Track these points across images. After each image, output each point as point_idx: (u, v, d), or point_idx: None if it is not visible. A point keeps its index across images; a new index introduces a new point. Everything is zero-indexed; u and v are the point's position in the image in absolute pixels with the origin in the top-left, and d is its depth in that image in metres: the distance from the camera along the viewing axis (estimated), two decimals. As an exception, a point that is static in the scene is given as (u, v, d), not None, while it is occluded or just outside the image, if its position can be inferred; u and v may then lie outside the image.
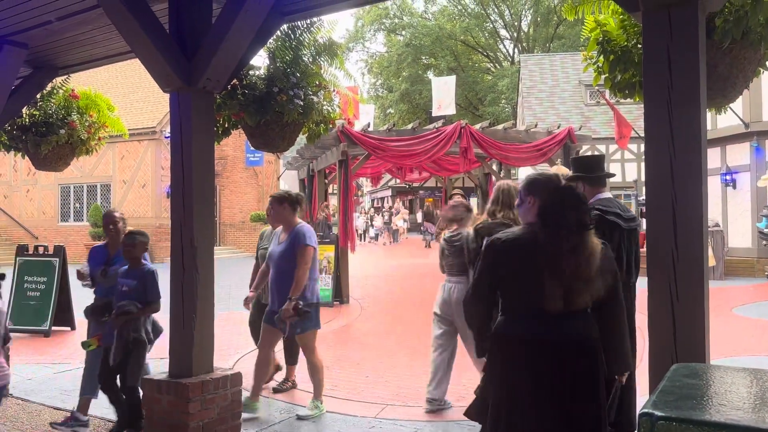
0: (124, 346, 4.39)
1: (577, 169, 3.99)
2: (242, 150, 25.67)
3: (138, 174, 22.32)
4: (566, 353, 2.65)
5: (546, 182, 2.92)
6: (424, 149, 11.39)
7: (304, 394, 5.52)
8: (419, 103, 40.97)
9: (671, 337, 2.61)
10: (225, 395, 4.10)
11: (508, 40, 44.59)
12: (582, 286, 2.64)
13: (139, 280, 4.50)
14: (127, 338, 4.38)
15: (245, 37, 4.01)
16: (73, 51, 5.56)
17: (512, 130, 13.09)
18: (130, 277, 4.53)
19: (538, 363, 2.65)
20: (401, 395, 5.47)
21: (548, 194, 2.80)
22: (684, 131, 2.62)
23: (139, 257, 4.58)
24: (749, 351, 6.96)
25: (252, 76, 4.85)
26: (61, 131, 6.04)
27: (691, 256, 2.60)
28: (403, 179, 20.56)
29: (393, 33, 44.72)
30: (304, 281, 4.82)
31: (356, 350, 7.40)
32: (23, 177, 23.93)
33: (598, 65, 3.92)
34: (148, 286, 4.49)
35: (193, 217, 4.03)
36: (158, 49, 3.92)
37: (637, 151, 22.16)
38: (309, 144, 6.01)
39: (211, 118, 4.35)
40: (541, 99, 25.94)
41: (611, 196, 3.92)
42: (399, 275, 15.87)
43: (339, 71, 5.37)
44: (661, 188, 2.68)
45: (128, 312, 4.36)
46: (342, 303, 10.94)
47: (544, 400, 2.64)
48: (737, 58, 3.35)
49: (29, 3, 4.46)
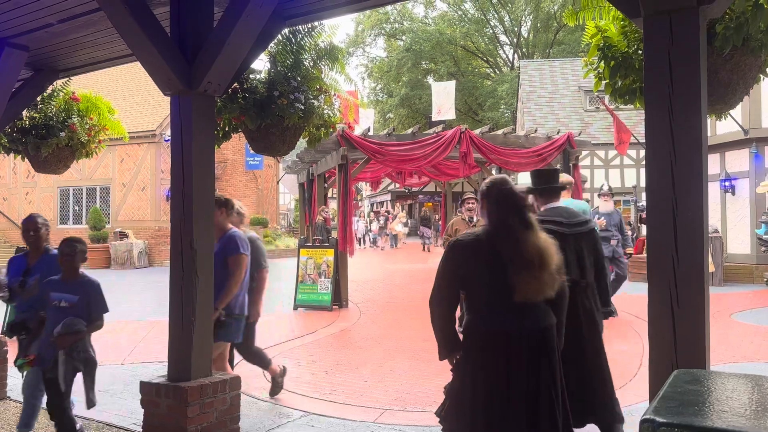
0: (74, 368, 4.09)
1: (533, 181, 4.39)
2: (242, 153, 25.69)
3: (138, 177, 22.32)
4: (531, 341, 2.91)
5: (491, 187, 3.14)
6: (424, 154, 11.40)
7: (297, 397, 5.51)
8: (419, 108, 41.05)
9: (672, 342, 2.61)
10: (224, 399, 4.09)
11: (508, 45, 44.72)
12: (533, 280, 2.88)
13: (80, 294, 4.15)
14: (76, 359, 4.08)
15: (246, 41, 4.01)
16: (74, 54, 5.57)
17: (512, 135, 13.11)
18: (69, 291, 4.15)
19: (509, 353, 2.89)
20: (400, 400, 5.46)
21: (492, 197, 3.09)
22: (685, 137, 2.63)
23: (78, 268, 4.28)
24: (748, 357, 6.96)
25: (253, 79, 4.86)
26: (62, 134, 6.05)
27: (691, 261, 2.60)
28: (402, 184, 20.56)
29: (393, 38, 44.84)
30: (235, 291, 4.58)
31: (355, 354, 7.39)
32: (23, 179, 23.93)
33: (599, 71, 3.93)
34: (92, 301, 4.16)
35: (193, 221, 4.02)
36: (160, 52, 3.92)
37: (637, 156, 22.20)
38: (309, 148, 6.02)
39: (212, 121, 4.34)
40: (541, 104, 26.00)
41: (563, 205, 4.33)
42: (398, 279, 15.87)
43: (340, 75, 5.38)
44: (661, 194, 2.68)
45: (78, 332, 4.04)
46: (341, 307, 10.94)
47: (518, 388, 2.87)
48: (738, 64, 3.36)
49: (31, 5, 4.47)
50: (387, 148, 11.23)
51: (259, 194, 27.76)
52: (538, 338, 2.93)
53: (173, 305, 4.10)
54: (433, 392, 5.65)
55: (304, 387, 5.92)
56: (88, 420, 4.96)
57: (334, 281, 10.92)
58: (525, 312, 2.92)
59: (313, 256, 11.19)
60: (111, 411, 5.24)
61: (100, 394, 5.38)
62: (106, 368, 6.85)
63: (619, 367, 6.48)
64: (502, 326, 2.92)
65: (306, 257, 11.26)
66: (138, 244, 21.10)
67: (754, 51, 3.33)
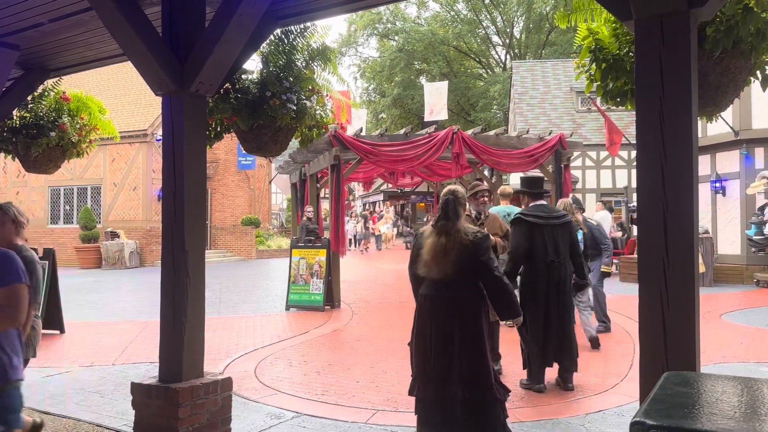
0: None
1: (523, 185, 6.19)
2: (234, 153, 25.63)
3: (129, 177, 22.23)
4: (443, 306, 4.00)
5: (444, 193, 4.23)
6: (416, 154, 11.41)
7: (288, 398, 5.51)
8: (411, 108, 41.05)
9: (662, 344, 2.62)
10: (215, 400, 4.07)
11: (500, 46, 44.78)
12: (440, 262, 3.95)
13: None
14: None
15: (238, 41, 4.00)
16: (65, 53, 5.54)
17: (504, 136, 13.13)
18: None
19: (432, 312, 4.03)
20: (392, 400, 5.46)
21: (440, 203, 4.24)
22: (675, 139, 2.64)
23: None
24: (738, 357, 7.00)
25: (245, 80, 4.84)
26: (52, 134, 6.01)
27: (681, 263, 2.62)
28: (395, 184, 20.55)
29: (386, 38, 44.82)
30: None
31: (347, 355, 7.39)
32: (13, 179, 23.79)
33: (591, 73, 3.94)
34: None
35: (185, 221, 4.01)
36: (151, 52, 3.91)
37: (628, 157, 22.28)
38: (301, 148, 6.01)
39: (204, 121, 4.33)
40: (533, 105, 26.05)
41: (544, 203, 6.04)
42: (389, 279, 15.88)
43: (332, 76, 5.37)
44: (652, 195, 2.69)
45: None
46: (333, 307, 10.93)
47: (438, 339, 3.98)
48: (728, 67, 3.38)
49: (21, 4, 4.44)
50: (379, 149, 11.24)
51: (252, 194, 27.69)
52: (445, 304, 4.01)
53: (164, 306, 4.08)
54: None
55: (296, 388, 5.91)
56: (79, 421, 4.94)
57: (327, 281, 10.91)
58: (440, 284, 4.01)
59: (305, 256, 11.18)
60: (102, 412, 5.21)
61: (90, 395, 5.37)
62: (97, 369, 6.82)
63: (611, 368, 6.51)
64: (428, 293, 4.08)
65: (298, 257, 11.24)
66: (129, 243, 21.02)
67: (744, 54, 3.34)
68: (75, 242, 21.49)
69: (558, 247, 5.74)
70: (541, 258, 5.72)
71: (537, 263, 5.72)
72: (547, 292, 5.71)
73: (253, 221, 25.07)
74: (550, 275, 5.70)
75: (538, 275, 5.71)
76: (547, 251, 5.70)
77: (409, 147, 11.46)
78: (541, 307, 5.68)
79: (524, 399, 5.49)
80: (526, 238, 5.73)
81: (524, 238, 5.73)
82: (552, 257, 5.70)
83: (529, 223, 5.75)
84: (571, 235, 5.89)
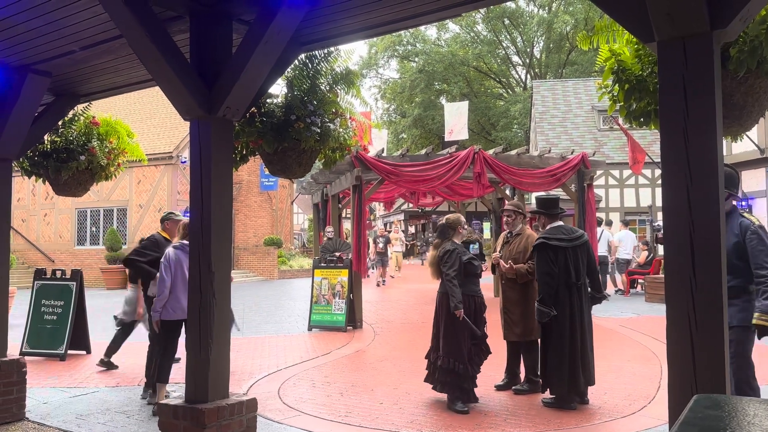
0: None
1: (538, 206, 6.26)
2: (257, 174, 25.90)
3: (154, 198, 22.54)
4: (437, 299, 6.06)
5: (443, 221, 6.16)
6: (438, 174, 11.44)
7: (312, 419, 5.50)
8: (432, 129, 41.19)
9: (691, 367, 2.60)
10: (240, 421, 4.09)
11: (521, 66, 44.87)
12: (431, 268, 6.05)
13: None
14: None
15: (264, 67, 4.08)
16: (95, 79, 5.68)
17: (525, 155, 13.11)
18: None
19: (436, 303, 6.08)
20: (416, 422, 5.43)
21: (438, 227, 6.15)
22: (700, 160, 2.63)
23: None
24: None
25: (270, 104, 4.93)
26: (81, 157, 6.15)
27: (710, 285, 2.59)
28: (416, 204, 20.53)
29: (406, 59, 45.14)
30: None
31: (370, 376, 7.37)
32: (41, 201, 24.25)
33: (614, 94, 3.94)
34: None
35: (212, 243, 4.07)
36: (179, 78, 4.00)
37: (652, 176, 22.10)
38: (324, 169, 6.10)
39: (230, 145, 4.40)
40: (554, 124, 25.98)
41: (561, 224, 6.09)
42: (412, 300, 15.81)
43: (355, 99, 5.44)
44: (678, 216, 2.68)
45: None
46: (355, 328, 10.92)
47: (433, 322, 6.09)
48: (752, 87, 3.37)
49: (54, 33, 4.58)
50: (401, 169, 11.29)
51: (274, 214, 27.90)
52: (439, 297, 6.02)
53: (190, 327, 4.13)
54: (448, 415, 5.62)
55: (320, 409, 5.91)
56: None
57: (349, 302, 10.92)
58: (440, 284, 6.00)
59: (327, 276, 11.22)
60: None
61: (116, 416, 5.43)
62: (123, 389, 6.88)
63: (638, 390, 6.41)
64: None
65: (320, 278, 11.28)
66: (154, 264, 21.20)
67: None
68: (101, 263, 21.77)
69: (579, 268, 5.86)
70: (563, 282, 5.77)
71: (560, 287, 5.76)
72: (571, 315, 5.77)
73: (275, 241, 25.21)
74: (572, 299, 5.79)
75: (561, 300, 5.75)
76: (570, 274, 5.79)
77: (430, 167, 11.49)
78: (566, 332, 5.75)
79: (550, 422, 5.42)
80: (553, 262, 5.79)
81: (551, 264, 5.79)
82: (573, 280, 5.80)
83: (554, 246, 5.82)
84: (588, 253, 6.01)
